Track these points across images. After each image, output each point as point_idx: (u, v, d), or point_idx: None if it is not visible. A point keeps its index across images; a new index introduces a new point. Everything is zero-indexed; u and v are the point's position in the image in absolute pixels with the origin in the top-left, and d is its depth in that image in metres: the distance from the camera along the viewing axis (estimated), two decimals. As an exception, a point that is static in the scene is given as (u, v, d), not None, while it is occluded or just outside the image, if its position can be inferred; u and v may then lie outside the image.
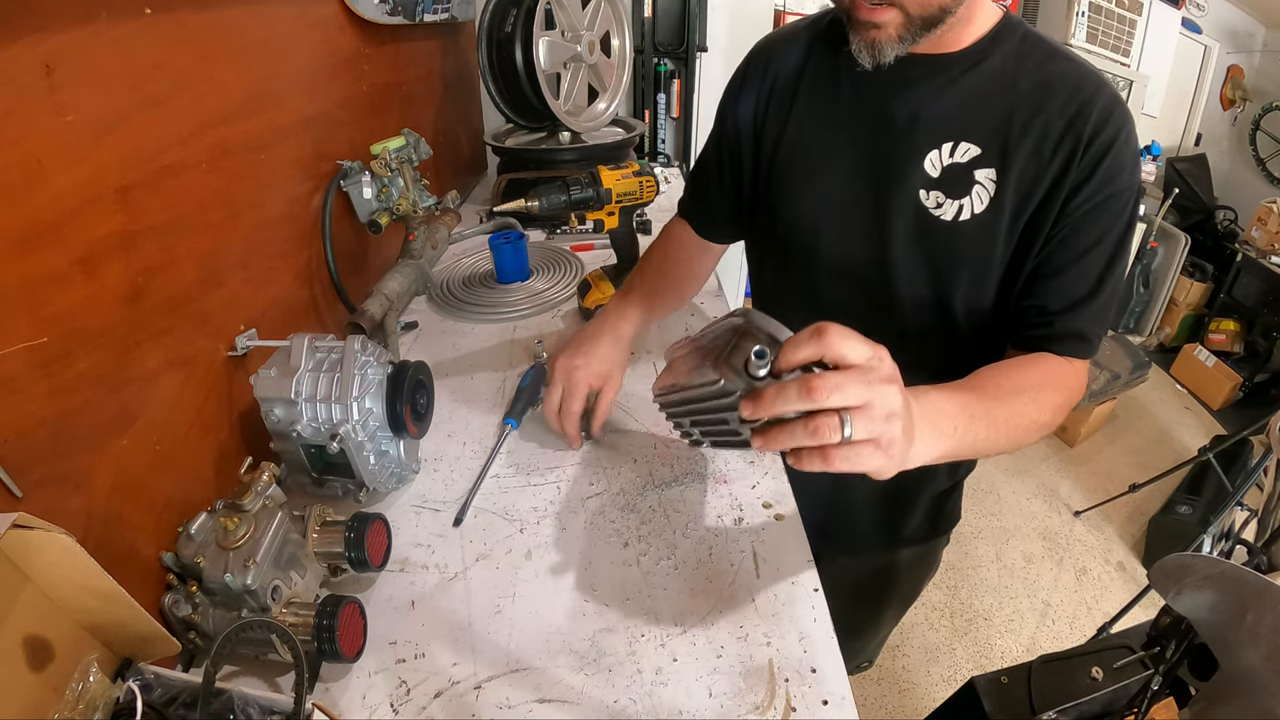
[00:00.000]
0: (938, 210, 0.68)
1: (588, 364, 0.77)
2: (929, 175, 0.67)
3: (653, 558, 0.64)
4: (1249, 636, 0.55)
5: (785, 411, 0.42)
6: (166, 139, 0.58)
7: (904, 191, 0.68)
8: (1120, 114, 0.63)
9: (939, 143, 0.67)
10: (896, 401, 0.43)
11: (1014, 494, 2.44)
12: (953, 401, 0.53)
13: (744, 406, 0.43)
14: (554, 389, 0.77)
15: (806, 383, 0.41)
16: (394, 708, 0.52)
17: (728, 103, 0.83)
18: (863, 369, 0.42)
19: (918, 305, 0.72)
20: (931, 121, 0.67)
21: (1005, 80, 0.65)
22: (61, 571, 0.42)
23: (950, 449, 0.51)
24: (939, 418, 0.50)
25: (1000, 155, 0.65)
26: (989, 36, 0.66)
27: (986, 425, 0.55)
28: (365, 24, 0.98)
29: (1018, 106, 0.64)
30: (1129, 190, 0.64)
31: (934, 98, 0.67)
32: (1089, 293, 0.65)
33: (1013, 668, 0.76)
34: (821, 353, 0.42)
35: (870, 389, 0.41)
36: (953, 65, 0.66)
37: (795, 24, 0.80)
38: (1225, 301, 3.09)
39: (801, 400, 0.41)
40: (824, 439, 0.41)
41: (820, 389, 0.40)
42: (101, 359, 0.51)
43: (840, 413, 0.41)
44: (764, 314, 0.44)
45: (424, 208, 1.00)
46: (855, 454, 0.42)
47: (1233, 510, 1.69)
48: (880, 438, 0.42)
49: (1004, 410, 0.57)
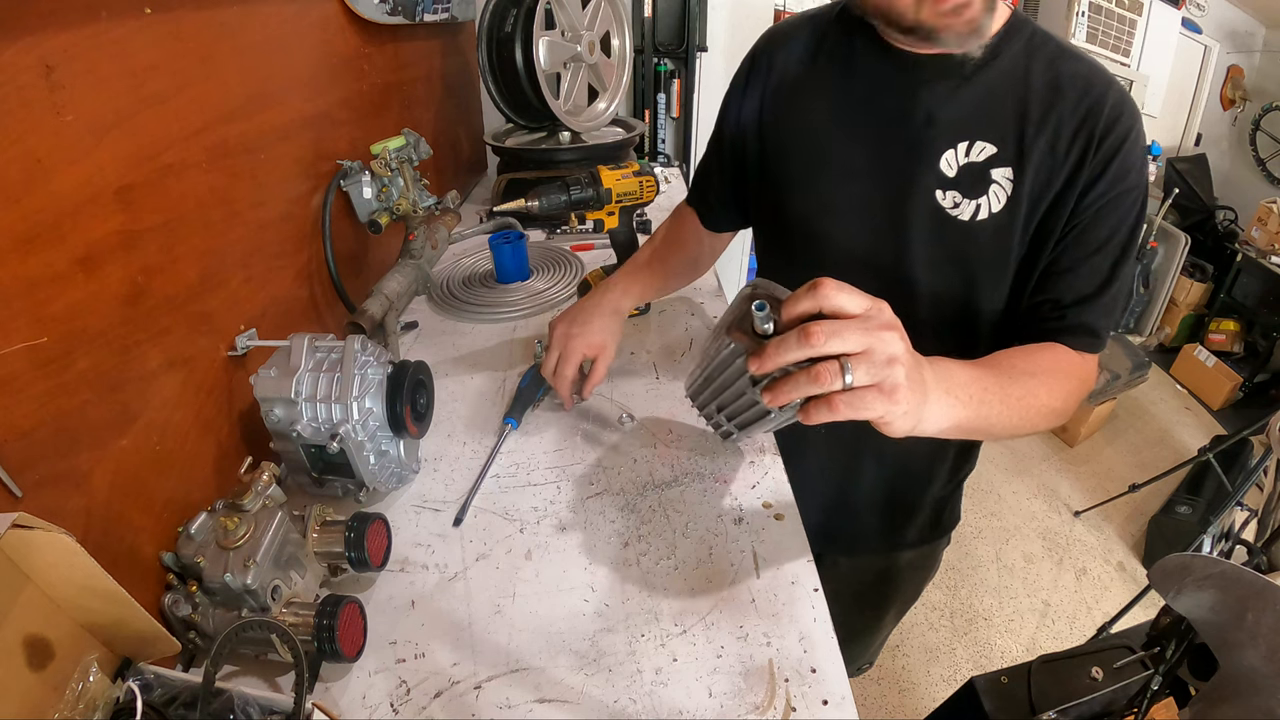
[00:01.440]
0: (954, 210, 0.67)
1: (584, 334, 0.81)
2: (945, 175, 0.67)
3: (653, 558, 0.64)
4: (1249, 636, 0.55)
5: (788, 361, 0.44)
6: (166, 139, 0.58)
7: (920, 192, 0.68)
8: (1130, 112, 0.63)
9: (955, 142, 0.66)
10: (897, 346, 0.43)
11: (1014, 494, 2.44)
12: (967, 372, 0.53)
13: (751, 362, 0.46)
14: (551, 352, 0.81)
15: (804, 330, 0.43)
16: (394, 708, 0.52)
17: (733, 96, 0.83)
18: (861, 318, 0.43)
19: (933, 304, 0.72)
20: (947, 120, 0.67)
21: (1017, 78, 0.65)
22: (61, 571, 0.42)
23: (965, 418, 0.51)
24: (954, 384, 0.51)
25: (1016, 154, 0.65)
26: (1000, 34, 0.66)
27: (1000, 400, 0.55)
28: (365, 24, 0.98)
29: (1031, 104, 0.64)
30: (1138, 188, 0.64)
31: (949, 96, 0.66)
32: (1099, 288, 0.65)
33: (1013, 668, 0.76)
34: (819, 305, 0.44)
35: (868, 335, 0.43)
36: (966, 62, 0.66)
37: (799, 17, 0.79)
38: (1225, 301, 3.09)
39: (801, 347, 0.43)
40: (826, 385, 0.43)
41: (817, 334, 0.42)
42: (101, 359, 0.51)
43: (841, 359, 0.43)
44: (771, 281, 0.47)
45: (424, 208, 1.00)
46: (859, 399, 0.43)
47: (1233, 510, 1.69)
48: (883, 382, 0.43)
49: (1017, 389, 0.57)
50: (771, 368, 0.45)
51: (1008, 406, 0.56)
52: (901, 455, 0.86)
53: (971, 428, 0.53)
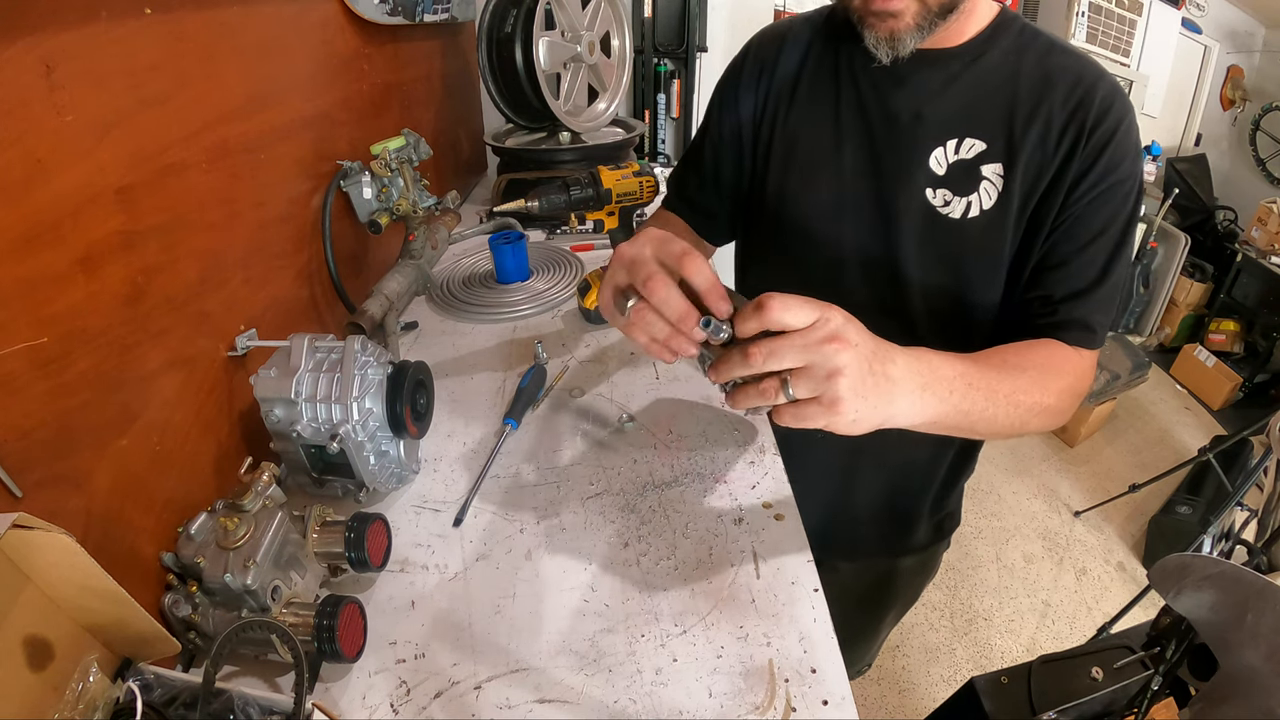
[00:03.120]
0: (945, 209, 0.67)
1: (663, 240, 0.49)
2: (935, 173, 0.67)
3: (653, 558, 0.64)
4: (1249, 636, 0.55)
5: (735, 376, 0.47)
6: (166, 139, 0.58)
7: (910, 191, 0.68)
8: (1121, 103, 0.63)
9: (943, 140, 0.66)
10: (839, 359, 0.44)
11: (1014, 494, 2.44)
12: (952, 367, 0.53)
13: (710, 372, 0.48)
14: (617, 277, 0.50)
15: (744, 350, 0.45)
16: (394, 708, 0.52)
17: (725, 97, 0.81)
18: (802, 333, 0.44)
19: (927, 302, 0.71)
20: (935, 118, 0.66)
21: (1006, 74, 0.65)
22: (61, 571, 0.42)
23: (943, 414, 0.51)
24: (934, 378, 0.50)
25: (1006, 150, 0.65)
26: (988, 31, 0.66)
27: (985, 397, 0.54)
28: (365, 24, 0.98)
29: (1020, 100, 0.64)
30: (1131, 179, 0.63)
31: (937, 94, 0.66)
32: (1093, 282, 0.64)
33: (1013, 668, 0.76)
34: (764, 324, 0.45)
35: (807, 352, 0.44)
36: (954, 60, 0.66)
37: (790, 20, 0.79)
38: (1225, 302, 3.08)
39: (742, 366, 0.45)
40: (770, 400, 0.46)
41: (755, 354, 0.44)
42: (101, 359, 0.51)
43: (782, 375, 0.45)
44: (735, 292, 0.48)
45: (424, 208, 1.00)
46: (801, 411, 0.45)
47: (1233, 510, 1.69)
48: (822, 396, 0.44)
49: (1005, 385, 0.56)
50: (725, 379, 0.47)
51: (994, 403, 0.55)
52: (902, 460, 0.85)
53: (953, 424, 0.53)
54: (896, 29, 0.61)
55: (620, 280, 0.50)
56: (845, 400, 0.44)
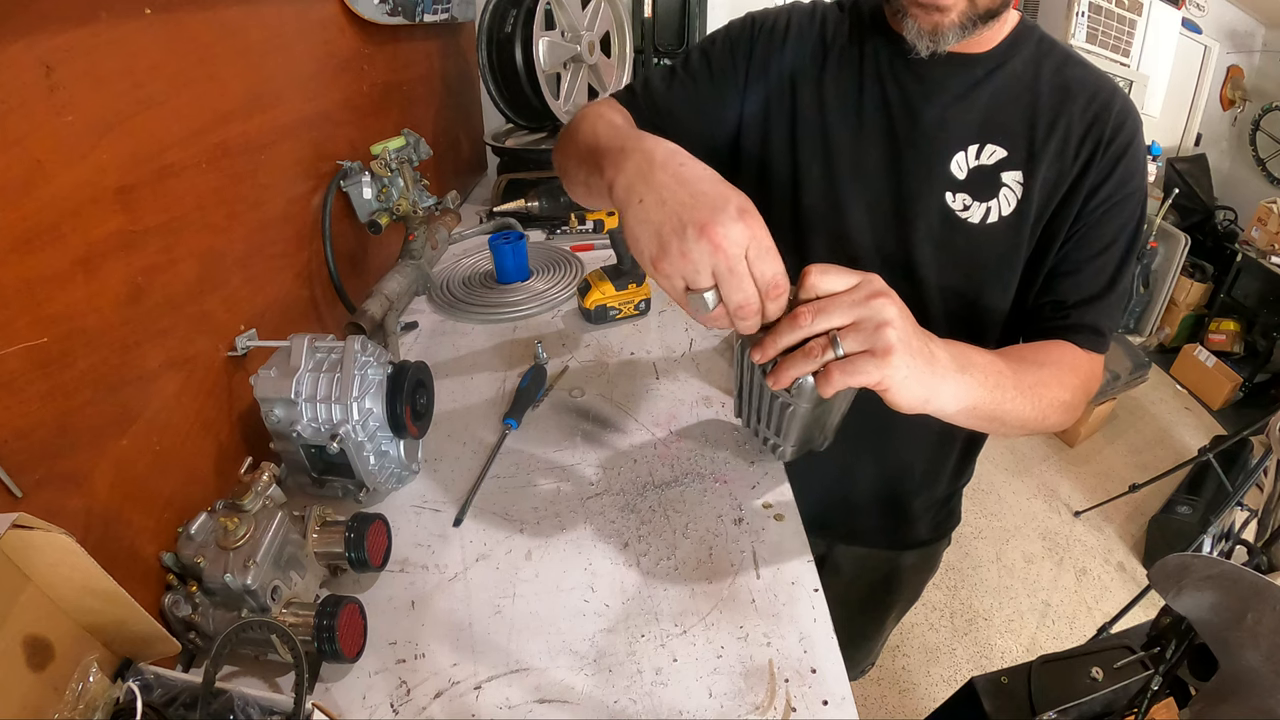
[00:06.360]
0: (964, 213, 0.67)
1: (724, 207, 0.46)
2: (955, 177, 0.67)
3: (653, 558, 0.64)
4: (1249, 636, 0.55)
5: (784, 345, 0.46)
6: (166, 139, 0.58)
7: (930, 193, 0.68)
8: (1134, 118, 0.65)
9: (965, 144, 0.67)
10: (888, 311, 0.44)
11: (1014, 494, 2.44)
12: (982, 355, 0.53)
13: (753, 352, 0.48)
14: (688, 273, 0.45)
15: (793, 314, 0.45)
16: (394, 708, 0.52)
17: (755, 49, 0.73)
18: (848, 292, 0.45)
19: (941, 303, 0.72)
20: (958, 123, 0.67)
21: (1027, 82, 0.66)
22: (61, 571, 0.42)
23: (980, 399, 0.51)
24: (969, 364, 0.51)
25: (1027, 158, 0.65)
26: (1010, 39, 0.67)
27: (1014, 387, 0.55)
28: (365, 24, 0.98)
29: (1040, 109, 0.65)
30: (1140, 191, 0.66)
31: (962, 98, 0.66)
32: (1104, 289, 0.66)
33: (1013, 668, 0.76)
34: (806, 292, 0.45)
35: (854, 308, 0.44)
36: (978, 65, 0.66)
37: (803, 7, 0.75)
38: (1225, 302, 3.08)
39: (791, 330, 0.45)
40: (818, 358, 0.45)
41: (803, 315, 0.45)
42: (101, 359, 0.51)
43: (830, 334, 0.45)
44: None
45: (424, 208, 1.00)
46: (853, 365, 0.45)
47: (1233, 510, 1.69)
48: (875, 346, 0.44)
49: (1030, 377, 0.57)
50: (771, 354, 0.47)
51: (1021, 394, 0.56)
52: (900, 456, 0.86)
53: (988, 412, 0.53)
54: (941, 24, 0.60)
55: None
56: (897, 350, 0.44)
